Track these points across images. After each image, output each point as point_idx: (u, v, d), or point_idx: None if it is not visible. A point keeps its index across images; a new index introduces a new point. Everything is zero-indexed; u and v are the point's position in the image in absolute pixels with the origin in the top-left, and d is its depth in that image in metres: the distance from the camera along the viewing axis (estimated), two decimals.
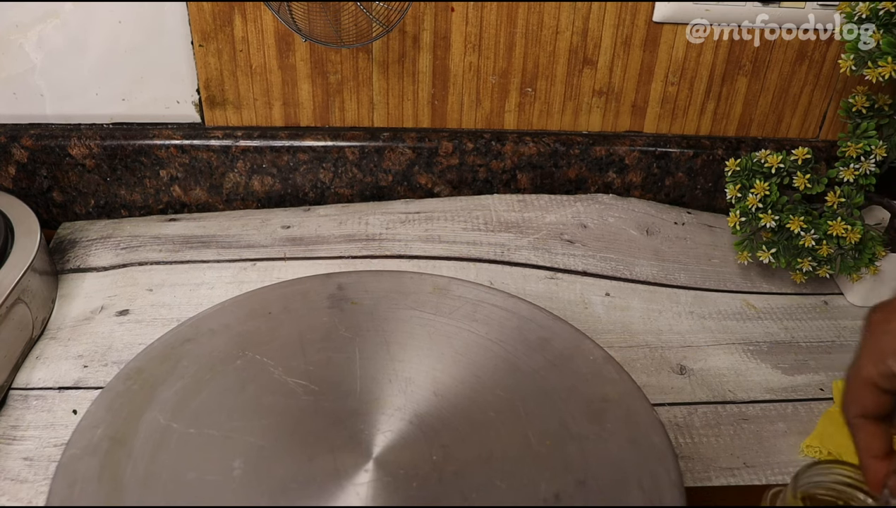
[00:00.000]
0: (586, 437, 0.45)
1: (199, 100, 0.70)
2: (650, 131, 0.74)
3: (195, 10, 0.65)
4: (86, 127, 0.70)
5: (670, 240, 0.71)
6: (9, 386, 0.54)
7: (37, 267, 0.59)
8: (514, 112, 0.72)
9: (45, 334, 0.59)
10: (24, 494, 0.48)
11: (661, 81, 0.71)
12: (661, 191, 0.75)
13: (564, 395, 0.47)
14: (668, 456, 0.43)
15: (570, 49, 0.69)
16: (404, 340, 0.52)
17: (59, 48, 0.66)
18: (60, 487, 0.41)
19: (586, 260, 0.67)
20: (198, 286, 0.63)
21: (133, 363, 0.49)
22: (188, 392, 0.47)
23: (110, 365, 0.56)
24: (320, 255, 0.66)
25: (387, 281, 0.57)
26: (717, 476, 0.51)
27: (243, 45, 0.67)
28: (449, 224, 0.70)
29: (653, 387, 0.56)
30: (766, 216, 0.63)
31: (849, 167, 0.62)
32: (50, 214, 0.73)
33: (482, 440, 0.44)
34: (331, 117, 0.72)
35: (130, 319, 0.60)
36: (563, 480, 0.42)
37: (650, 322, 0.63)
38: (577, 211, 0.72)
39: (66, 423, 0.52)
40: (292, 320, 0.53)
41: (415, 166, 0.73)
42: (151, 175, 0.71)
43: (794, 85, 0.71)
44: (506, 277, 0.65)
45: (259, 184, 0.73)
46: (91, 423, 0.45)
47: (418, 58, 0.69)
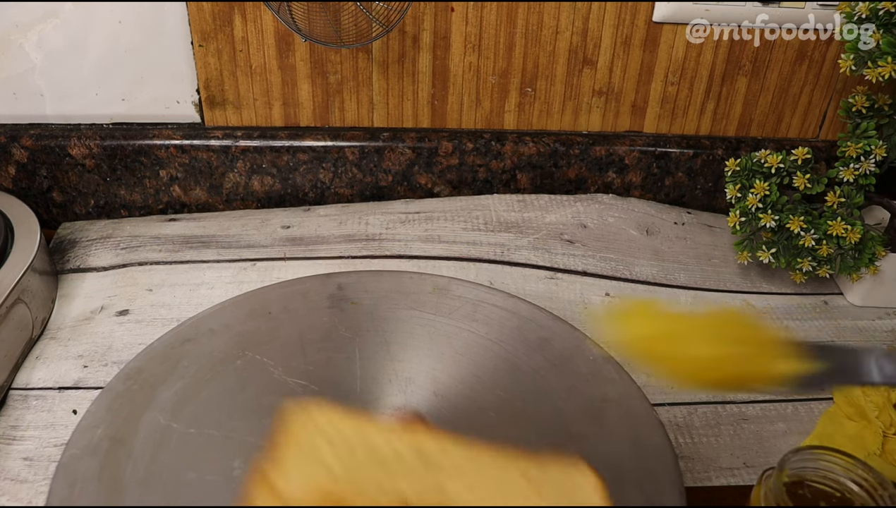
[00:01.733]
0: (586, 437, 0.45)
1: (199, 100, 0.70)
2: (650, 131, 0.74)
3: (195, 10, 0.65)
4: (86, 127, 0.70)
5: (670, 239, 0.71)
6: (9, 386, 0.54)
7: (37, 267, 0.59)
8: (513, 112, 0.72)
9: (45, 334, 0.59)
10: (24, 494, 0.48)
11: (661, 81, 0.71)
12: (661, 191, 0.75)
13: (564, 395, 0.47)
14: (668, 456, 0.43)
15: (570, 49, 0.69)
16: (404, 340, 0.52)
17: (59, 48, 0.66)
18: (60, 487, 0.41)
19: (586, 260, 0.67)
20: (198, 286, 0.63)
21: (133, 363, 0.49)
22: (188, 392, 0.47)
23: (110, 365, 0.56)
24: (320, 255, 0.66)
25: (387, 281, 0.57)
26: (717, 476, 0.51)
27: (243, 45, 0.67)
28: (449, 224, 0.70)
29: (653, 387, 0.56)
30: (766, 216, 0.63)
31: (849, 167, 0.62)
32: (50, 214, 0.73)
33: (482, 440, 0.44)
34: (331, 117, 0.72)
35: (130, 319, 0.60)
36: None
37: None
38: (577, 211, 0.72)
39: (66, 423, 0.52)
40: (292, 320, 0.53)
41: (415, 166, 0.73)
42: (151, 175, 0.71)
43: (794, 85, 0.71)
44: (506, 277, 0.65)
45: (259, 184, 0.73)
46: (91, 423, 0.45)
47: (418, 58, 0.69)
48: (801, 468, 0.41)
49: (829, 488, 0.41)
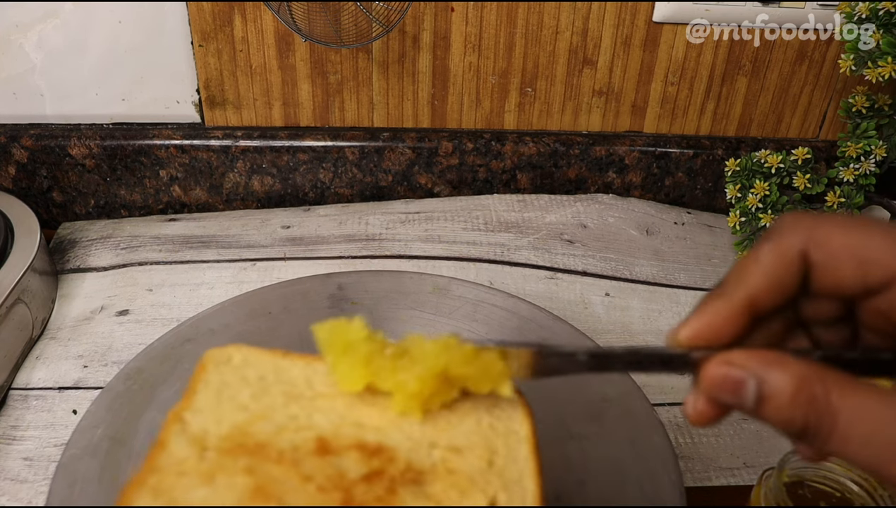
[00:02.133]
0: (586, 437, 0.45)
1: (199, 100, 0.70)
2: (650, 131, 0.74)
3: (195, 10, 0.65)
4: (86, 127, 0.70)
5: (670, 240, 0.71)
6: (9, 386, 0.54)
7: (37, 267, 0.59)
8: (513, 112, 0.72)
9: (45, 334, 0.59)
10: (24, 494, 0.48)
11: (661, 81, 0.71)
12: (661, 191, 0.75)
13: (564, 395, 0.47)
14: (668, 456, 0.43)
15: (570, 49, 0.69)
16: None
17: (59, 48, 0.66)
18: (60, 487, 0.41)
19: (586, 260, 0.67)
20: (198, 286, 0.63)
21: (133, 363, 0.49)
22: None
23: (110, 365, 0.56)
24: (320, 255, 0.66)
25: (387, 281, 0.57)
26: (717, 476, 0.51)
27: (243, 45, 0.67)
28: (449, 224, 0.70)
29: (653, 387, 0.56)
30: (765, 216, 0.63)
31: (849, 167, 0.62)
32: (50, 214, 0.73)
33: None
34: (331, 117, 0.72)
35: (130, 319, 0.60)
36: (563, 480, 0.42)
37: (650, 322, 0.63)
38: (577, 211, 0.72)
39: (66, 423, 0.52)
40: (292, 320, 0.53)
41: (415, 166, 0.73)
42: (151, 175, 0.71)
43: (794, 85, 0.71)
44: (506, 277, 0.65)
45: (259, 184, 0.73)
46: (91, 423, 0.45)
47: (418, 58, 0.69)
48: (801, 468, 0.41)
49: (828, 488, 0.41)
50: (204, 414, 0.31)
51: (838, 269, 0.26)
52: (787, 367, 0.25)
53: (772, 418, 0.25)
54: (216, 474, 0.28)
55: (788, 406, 0.24)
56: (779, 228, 0.27)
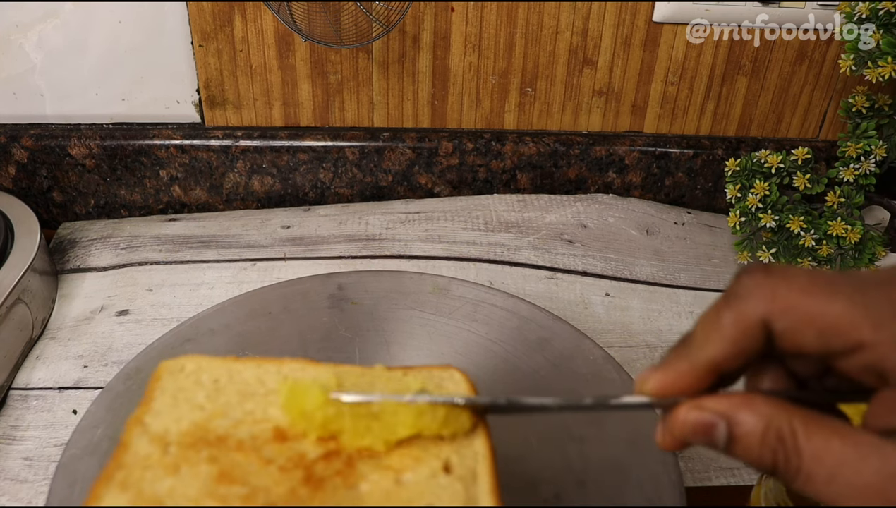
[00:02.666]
0: (586, 438, 0.45)
1: (199, 100, 0.70)
2: (650, 131, 0.74)
3: (195, 10, 0.65)
4: (86, 127, 0.70)
5: (670, 239, 0.71)
6: (9, 386, 0.54)
7: (37, 267, 0.59)
8: (513, 112, 0.72)
9: (45, 334, 0.59)
10: (24, 494, 0.48)
11: (661, 81, 0.71)
12: (661, 191, 0.75)
13: (564, 395, 0.47)
14: (668, 456, 0.43)
15: (570, 49, 0.69)
16: (404, 340, 0.52)
17: (59, 48, 0.66)
18: (60, 487, 0.41)
19: (586, 260, 0.67)
20: (198, 286, 0.63)
21: (133, 363, 0.49)
22: None
23: (110, 365, 0.56)
24: (320, 255, 0.66)
25: (387, 281, 0.57)
26: (717, 476, 0.51)
27: (243, 45, 0.67)
28: (449, 224, 0.70)
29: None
30: (766, 216, 0.63)
31: (849, 167, 0.62)
32: (50, 214, 0.73)
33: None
34: (331, 117, 0.72)
35: (130, 319, 0.60)
36: (563, 480, 0.42)
37: (650, 322, 0.63)
38: (577, 211, 0.72)
39: (66, 423, 0.52)
40: (292, 320, 0.53)
41: (415, 166, 0.73)
42: (151, 175, 0.71)
43: (794, 85, 0.71)
44: (506, 277, 0.65)
45: (259, 184, 0.73)
46: (91, 423, 0.45)
47: (418, 58, 0.69)
48: None
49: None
50: (163, 416, 0.32)
51: (800, 337, 0.26)
52: (755, 409, 0.26)
53: (743, 457, 0.26)
54: (181, 465, 0.30)
55: (758, 446, 0.26)
56: (739, 293, 0.27)
